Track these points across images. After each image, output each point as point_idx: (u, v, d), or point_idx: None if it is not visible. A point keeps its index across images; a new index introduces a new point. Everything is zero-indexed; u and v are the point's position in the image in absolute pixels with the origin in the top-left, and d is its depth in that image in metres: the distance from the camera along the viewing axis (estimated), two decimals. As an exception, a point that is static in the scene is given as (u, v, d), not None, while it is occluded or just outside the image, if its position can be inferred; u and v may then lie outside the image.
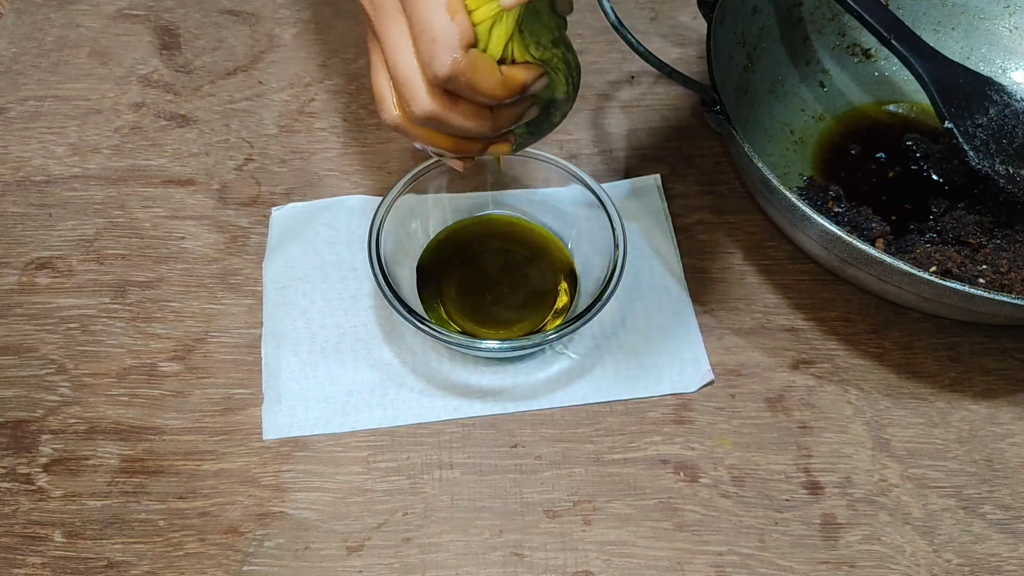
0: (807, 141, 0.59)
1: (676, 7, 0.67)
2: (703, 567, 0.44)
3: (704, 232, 0.55)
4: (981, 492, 0.46)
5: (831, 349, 0.51)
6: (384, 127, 0.59)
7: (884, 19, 0.53)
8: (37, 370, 0.49)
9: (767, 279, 0.54)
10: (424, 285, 0.50)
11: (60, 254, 0.54)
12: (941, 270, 0.50)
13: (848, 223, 0.53)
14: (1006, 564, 0.44)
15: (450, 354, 0.50)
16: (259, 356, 0.50)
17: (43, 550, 0.44)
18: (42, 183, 0.57)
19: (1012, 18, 0.61)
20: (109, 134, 0.59)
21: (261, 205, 0.56)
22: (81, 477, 0.46)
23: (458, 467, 0.47)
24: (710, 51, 0.51)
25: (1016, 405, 0.49)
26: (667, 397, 0.49)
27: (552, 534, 0.45)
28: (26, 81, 0.61)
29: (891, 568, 0.44)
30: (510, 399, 0.49)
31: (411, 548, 0.44)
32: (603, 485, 0.46)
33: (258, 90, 0.62)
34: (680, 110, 0.61)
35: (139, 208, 0.56)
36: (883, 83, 0.62)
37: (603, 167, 0.58)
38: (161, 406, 0.48)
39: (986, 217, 0.53)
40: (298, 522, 0.45)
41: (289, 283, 0.52)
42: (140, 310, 0.51)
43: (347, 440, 0.47)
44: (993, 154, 0.52)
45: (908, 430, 0.48)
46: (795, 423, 0.48)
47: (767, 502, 0.46)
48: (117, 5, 0.66)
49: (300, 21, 0.66)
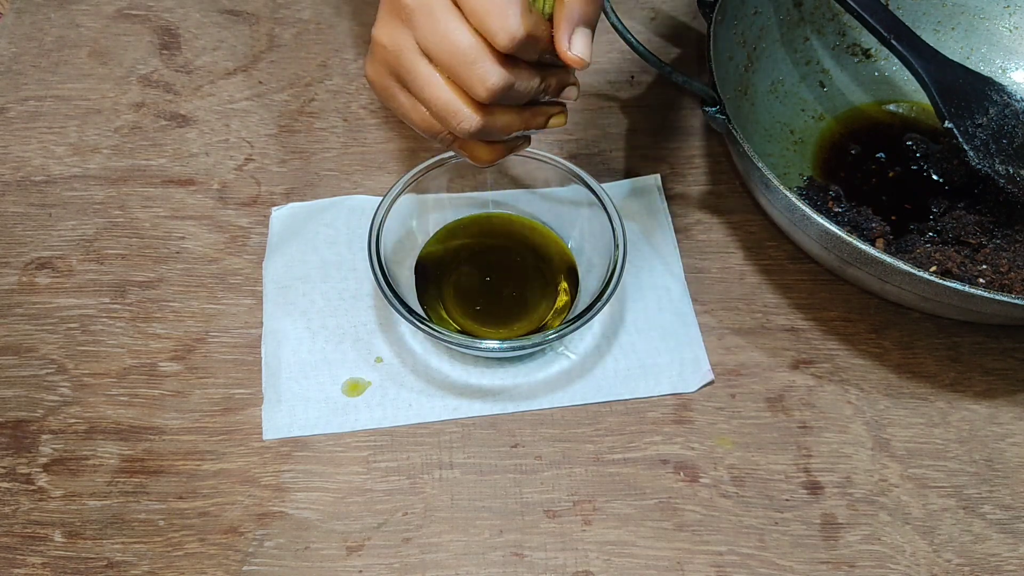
0: (807, 141, 0.59)
1: (676, 7, 0.67)
2: (703, 567, 0.44)
3: (704, 232, 0.55)
4: (981, 492, 0.46)
5: (831, 349, 0.51)
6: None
7: (884, 19, 0.53)
8: (37, 370, 0.49)
9: (767, 279, 0.54)
10: (424, 285, 0.50)
11: (60, 254, 0.54)
12: (941, 270, 0.50)
13: (848, 223, 0.53)
14: (1006, 564, 0.44)
15: (450, 354, 0.50)
16: (259, 356, 0.50)
17: (43, 550, 0.44)
18: (42, 183, 0.57)
19: (1012, 18, 0.61)
20: (109, 134, 0.59)
21: (261, 205, 0.56)
22: (81, 477, 0.46)
23: (458, 467, 0.47)
24: (710, 51, 0.51)
25: (1016, 405, 0.49)
26: (667, 397, 0.49)
27: (552, 534, 0.45)
28: (26, 81, 0.61)
29: (891, 568, 0.44)
30: (510, 399, 0.49)
31: (411, 548, 0.44)
32: (603, 485, 0.46)
33: (258, 90, 0.62)
34: (680, 110, 0.61)
35: (139, 208, 0.56)
36: (883, 83, 0.62)
37: (603, 167, 0.58)
38: (161, 406, 0.48)
39: (986, 217, 0.53)
40: (298, 522, 0.45)
41: (289, 283, 0.52)
42: (140, 310, 0.51)
43: (347, 440, 0.47)
44: (993, 154, 0.52)
45: (908, 430, 0.48)
46: (795, 423, 0.48)
47: (767, 502, 0.46)
48: (117, 5, 0.66)
49: (300, 21, 0.66)
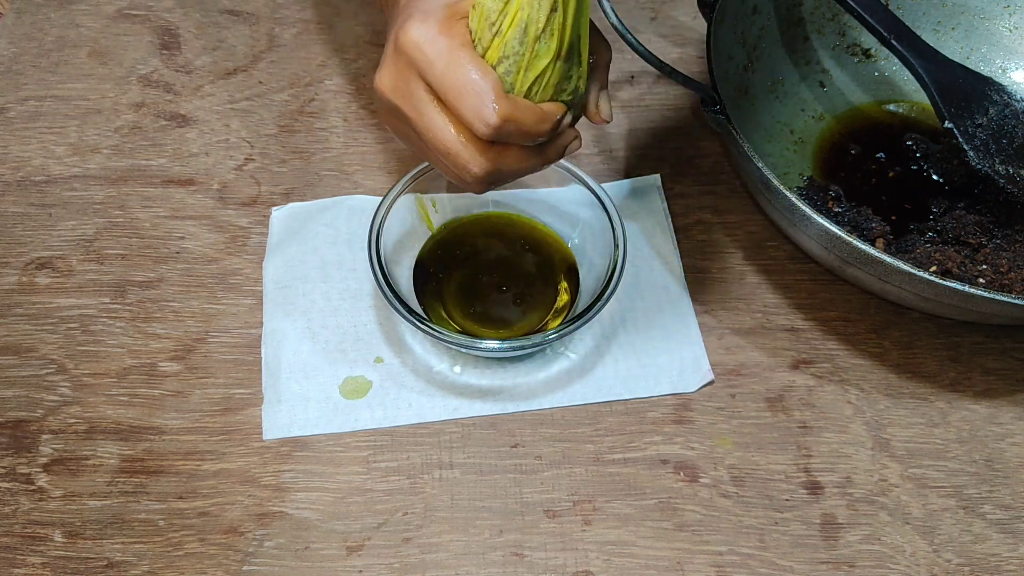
0: (807, 141, 0.59)
1: (676, 7, 0.67)
2: (703, 567, 0.44)
3: (704, 232, 0.55)
4: (981, 492, 0.46)
5: (831, 349, 0.51)
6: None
7: (884, 19, 0.53)
8: (37, 370, 0.49)
9: (767, 279, 0.54)
10: (424, 284, 0.50)
11: (60, 254, 0.54)
12: (941, 270, 0.50)
13: (848, 223, 0.53)
14: (1006, 564, 0.44)
15: (450, 354, 0.50)
16: (259, 356, 0.50)
17: (43, 550, 0.44)
18: (42, 183, 0.57)
19: (1012, 18, 0.61)
20: (109, 134, 0.59)
21: (261, 205, 0.56)
22: (81, 477, 0.46)
23: (458, 467, 0.47)
24: (710, 51, 0.51)
25: (1016, 405, 0.49)
26: (667, 397, 0.49)
27: (552, 534, 0.45)
28: (26, 81, 0.61)
29: (891, 568, 0.44)
30: (510, 399, 0.49)
31: (411, 548, 0.44)
32: (603, 485, 0.46)
33: (258, 90, 0.62)
34: (680, 110, 0.61)
35: (139, 208, 0.56)
36: (883, 83, 0.62)
37: (603, 167, 0.58)
38: (161, 406, 0.48)
39: (986, 217, 0.53)
40: (298, 522, 0.45)
41: (289, 283, 0.52)
42: (140, 310, 0.51)
43: (347, 440, 0.47)
44: (993, 154, 0.52)
45: (908, 430, 0.48)
46: (795, 423, 0.48)
47: (767, 502, 0.46)
48: (117, 5, 0.66)
49: (300, 21, 0.66)
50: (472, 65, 0.36)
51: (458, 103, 0.36)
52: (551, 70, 0.37)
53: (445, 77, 0.36)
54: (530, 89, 0.37)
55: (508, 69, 0.36)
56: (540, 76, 0.37)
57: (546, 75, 0.37)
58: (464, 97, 0.36)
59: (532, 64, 0.36)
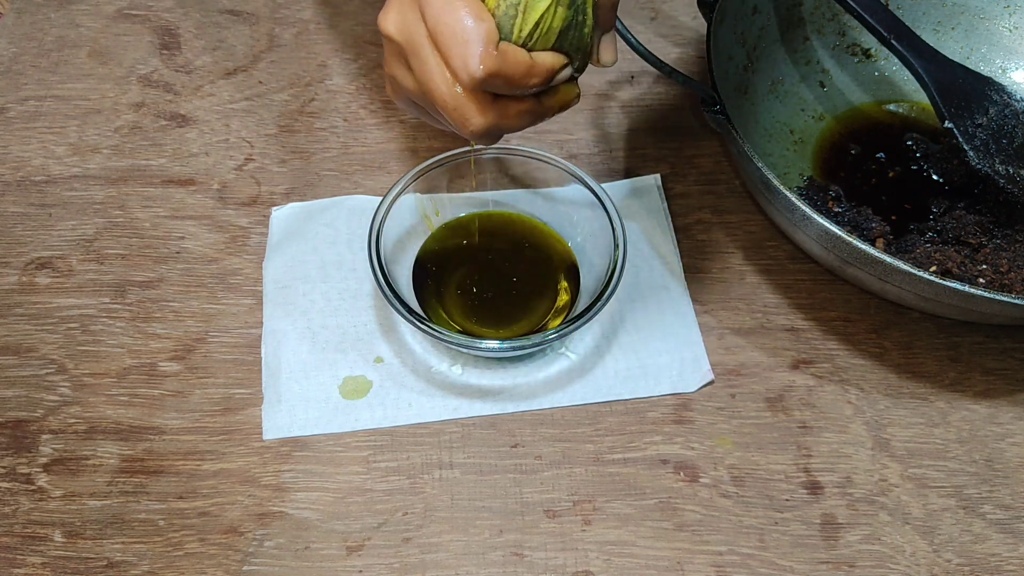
0: (807, 141, 0.59)
1: (676, 7, 0.67)
2: (703, 567, 0.44)
3: (704, 232, 0.55)
4: (981, 492, 0.46)
5: (831, 349, 0.51)
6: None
7: (884, 19, 0.53)
8: (37, 370, 0.49)
9: (767, 279, 0.54)
10: (424, 284, 0.50)
11: (60, 254, 0.54)
12: (941, 270, 0.50)
13: (848, 223, 0.53)
14: (1006, 564, 0.44)
15: (450, 354, 0.50)
16: (259, 356, 0.50)
17: (43, 550, 0.44)
18: (42, 183, 0.57)
19: (1012, 18, 0.61)
20: (109, 134, 0.59)
21: (261, 205, 0.56)
22: (81, 477, 0.46)
23: (458, 467, 0.47)
24: (710, 51, 0.51)
25: (1016, 405, 0.49)
26: (667, 397, 0.49)
27: (552, 534, 0.45)
28: (26, 81, 0.61)
29: (891, 568, 0.44)
30: (510, 399, 0.49)
31: (411, 548, 0.44)
32: (603, 485, 0.46)
33: (258, 90, 0.62)
34: (680, 110, 0.61)
35: (139, 208, 0.56)
36: (883, 83, 0.62)
37: (603, 167, 0.58)
38: (161, 406, 0.48)
39: (986, 217, 0.53)
40: (298, 522, 0.45)
41: (289, 283, 0.52)
42: (140, 310, 0.51)
43: (347, 440, 0.47)
44: (993, 154, 0.52)
45: (908, 430, 0.48)
46: (795, 423, 0.48)
47: (767, 502, 0.46)
48: (117, 5, 0.66)
49: (300, 21, 0.66)
50: (467, 10, 0.34)
51: (446, 49, 0.35)
52: (551, 15, 0.36)
53: (440, 19, 0.35)
54: (531, 35, 0.36)
55: (507, 12, 0.35)
56: (540, 21, 0.36)
57: (546, 20, 0.36)
58: (453, 44, 0.35)
59: (532, 6, 0.35)
